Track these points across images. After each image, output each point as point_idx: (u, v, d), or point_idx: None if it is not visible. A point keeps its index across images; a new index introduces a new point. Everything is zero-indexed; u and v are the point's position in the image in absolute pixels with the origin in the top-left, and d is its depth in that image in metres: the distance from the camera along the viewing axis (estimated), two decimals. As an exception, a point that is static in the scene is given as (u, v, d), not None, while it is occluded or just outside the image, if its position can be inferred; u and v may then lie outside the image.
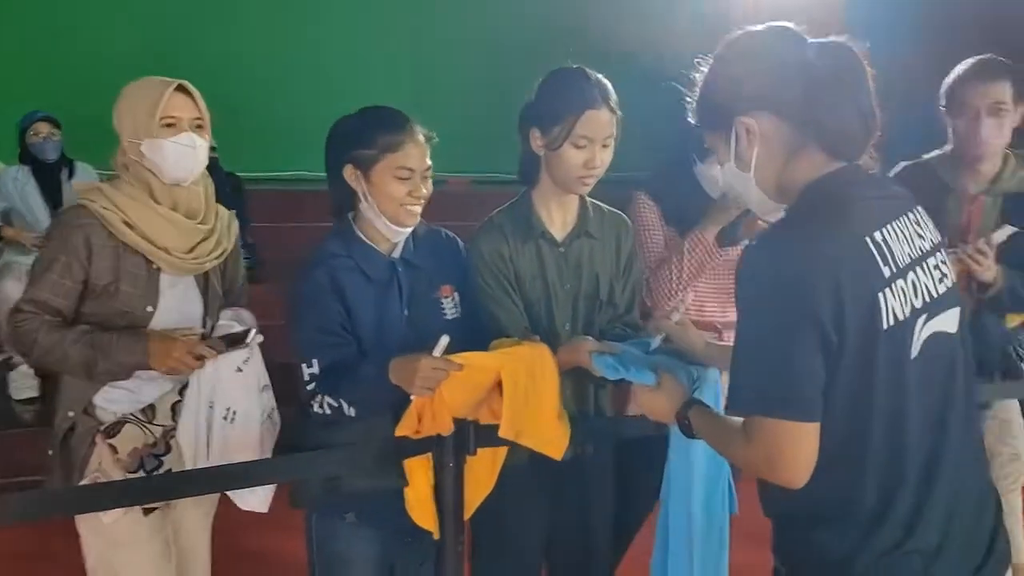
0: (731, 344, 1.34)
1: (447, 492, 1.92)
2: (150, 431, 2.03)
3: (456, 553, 1.96)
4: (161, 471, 2.01)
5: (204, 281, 2.09)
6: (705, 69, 1.47)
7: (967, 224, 2.56)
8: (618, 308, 2.12)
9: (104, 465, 1.99)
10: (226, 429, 1.96)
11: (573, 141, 1.93)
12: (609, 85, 1.98)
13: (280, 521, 2.14)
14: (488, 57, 6.21)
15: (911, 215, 1.39)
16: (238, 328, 2.00)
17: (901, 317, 1.28)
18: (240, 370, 1.98)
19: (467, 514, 1.96)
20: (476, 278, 2.02)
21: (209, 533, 2.25)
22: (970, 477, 1.37)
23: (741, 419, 1.34)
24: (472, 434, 1.87)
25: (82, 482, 1.98)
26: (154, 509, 2.03)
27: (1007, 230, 2.45)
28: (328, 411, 1.86)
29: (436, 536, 1.93)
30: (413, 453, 1.89)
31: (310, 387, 1.87)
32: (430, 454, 1.90)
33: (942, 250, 1.42)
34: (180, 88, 1.99)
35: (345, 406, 1.84)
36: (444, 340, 1.77)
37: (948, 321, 1.36)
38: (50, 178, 4.57)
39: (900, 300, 1.29)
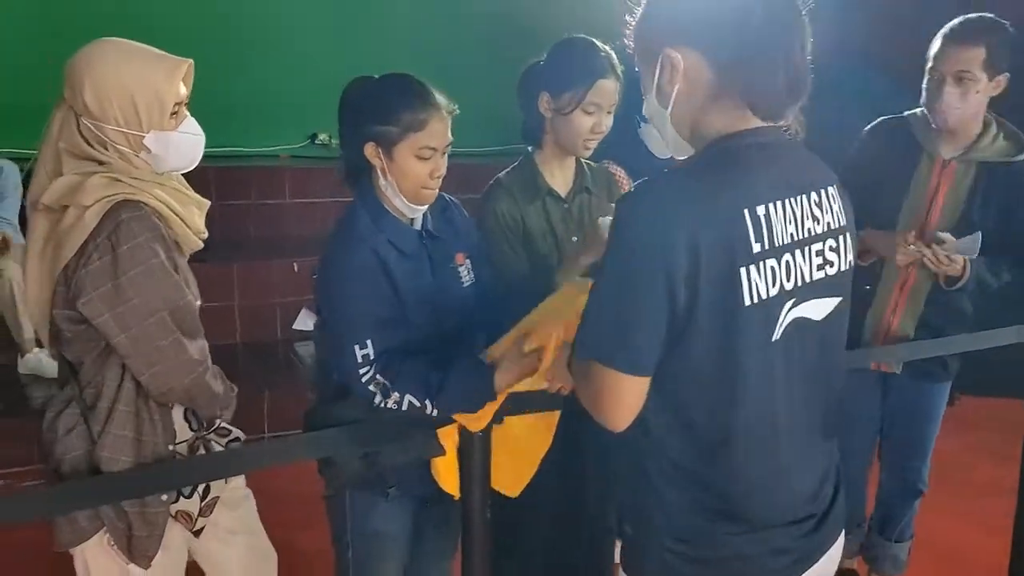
0: None
1: (475, 459, 1.93)
2: None
3: (484, 519, 1.97)
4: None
5: None
6: None
7: (935, 190, 2.52)
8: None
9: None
10: None
11: (584, 107, 2.05)
12: (614, 55, 2.07)
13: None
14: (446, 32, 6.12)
15: (814, 195, 1.34)
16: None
17: (765, 296, 1.26)
18: None
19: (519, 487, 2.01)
20: (498, 242, 2.09)
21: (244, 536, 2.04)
22: (809, 457, 1.40)
23: None
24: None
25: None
26: (202, 529, 1.86)
27: (973, 241, 2.38)
28: (405, 408, 1.78)
29: (457, 496, 1.94)
30: (445, 423, 1.89)
31: (364, 371, 1.78)
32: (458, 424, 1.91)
33: (842, 236, 1.38)
34: None
35: (429, 407, 1.78)
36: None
37: (816, 309, 1.34)
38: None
39: (767, 279, 1.26)
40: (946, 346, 2.54)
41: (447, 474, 1.94)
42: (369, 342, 1.77)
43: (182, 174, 1.85)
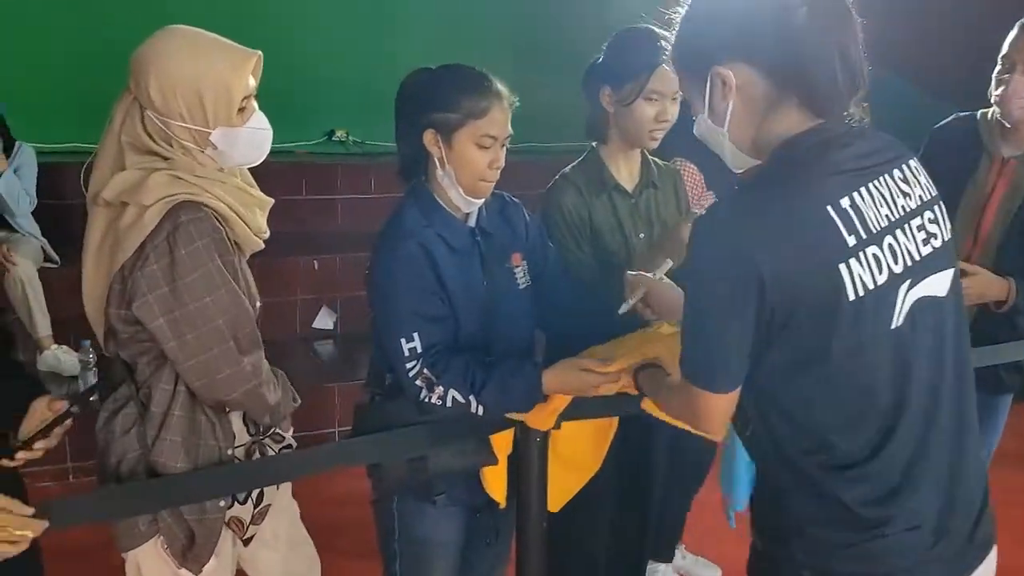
0: None
1: (531, 467, 1.88)
2: None
3: (540, 528, 1.92)
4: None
5: None
6: (684, 8, 1.35)
7: (992, 189, 2.42)
8: (684, 253, 2.14)
9: None
10: None
11: (646, 96, 2.02)
12: None
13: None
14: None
15: (897, 172, 1.29)
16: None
17: (872, 286, 1.20)
18: None
19: (560, 503, 1.96)
20: (563, 237, 2.06)
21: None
22: (960, 451, 1.31)
23: None
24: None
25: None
26: (251, 537, 1.81)
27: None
28: (450, 404, 1.73)
29: (503, 504, 1.91)
30: (498, 428, 1.84)
31: (411, 364, 1.73)
32: (514, 429, 1.86)
33: (936, 206, 1.33)
34: None
35: (473, 403, 1.73)
36: None
37: (936, 285, 1.28)
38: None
39: (871, 268, 1.21)
40: (993, 355, 2.39)
41: (494, 481, 1.90)
42: (416, 335, 1.73)
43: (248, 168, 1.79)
